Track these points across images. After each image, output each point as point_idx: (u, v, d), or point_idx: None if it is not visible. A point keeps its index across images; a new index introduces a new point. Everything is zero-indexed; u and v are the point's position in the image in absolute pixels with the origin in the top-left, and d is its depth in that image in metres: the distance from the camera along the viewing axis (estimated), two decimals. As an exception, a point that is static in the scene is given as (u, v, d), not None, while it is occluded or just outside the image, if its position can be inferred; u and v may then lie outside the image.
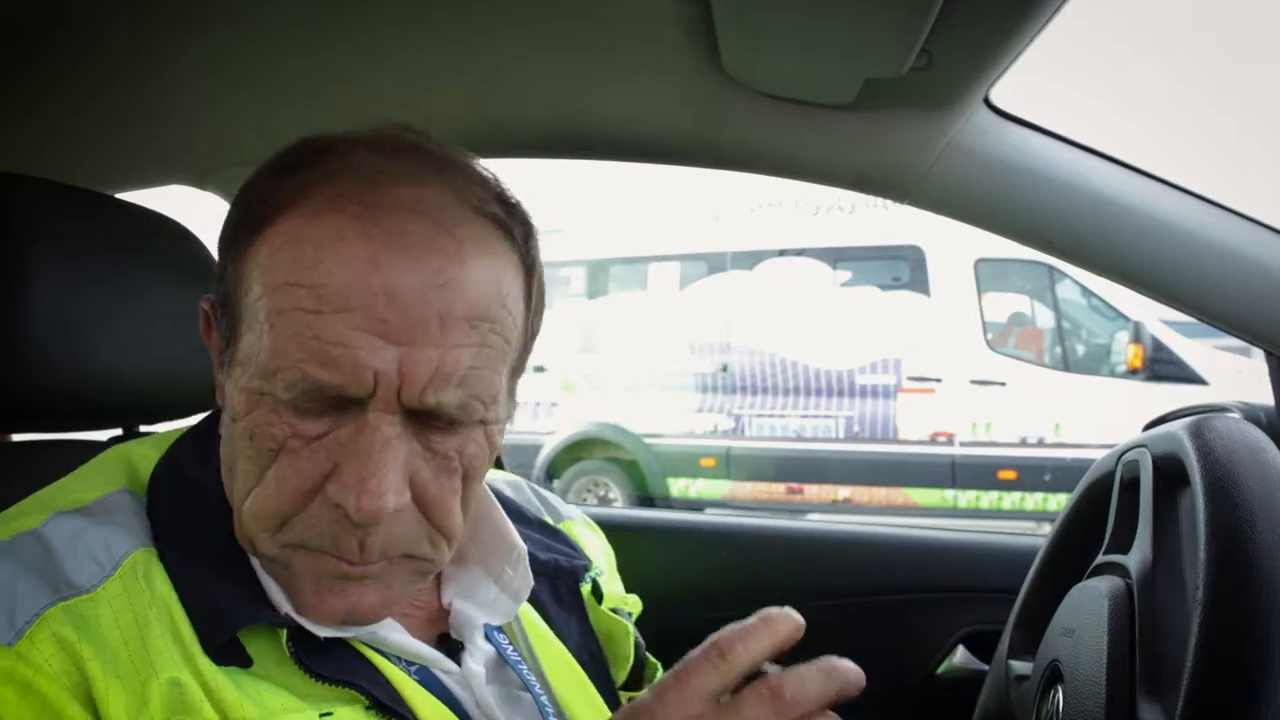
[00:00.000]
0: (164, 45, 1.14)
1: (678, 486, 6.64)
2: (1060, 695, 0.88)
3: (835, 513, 6.25)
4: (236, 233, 0.65)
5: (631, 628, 0.91)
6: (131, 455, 0.73)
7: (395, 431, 0.61)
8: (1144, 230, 1.09)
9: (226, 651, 0.62)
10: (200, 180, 1.46)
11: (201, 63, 1.18)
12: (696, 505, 6.51)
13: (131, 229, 0.98)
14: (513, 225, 0.67)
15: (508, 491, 0.92)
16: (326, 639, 0.65)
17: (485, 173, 0.69)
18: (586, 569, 0.87)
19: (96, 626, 0.59)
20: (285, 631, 0.64)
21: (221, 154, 1.41)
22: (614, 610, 0.90)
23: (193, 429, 0.76)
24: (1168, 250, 1.09)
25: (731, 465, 6.53)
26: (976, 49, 0.94)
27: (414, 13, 1.06)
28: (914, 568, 1.60)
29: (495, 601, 0.77)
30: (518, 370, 0.71)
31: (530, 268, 0.69)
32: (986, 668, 1.20)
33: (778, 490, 6.42)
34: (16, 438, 0.98)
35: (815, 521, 4.43)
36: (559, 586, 0.85)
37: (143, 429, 1.03)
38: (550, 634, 0.81)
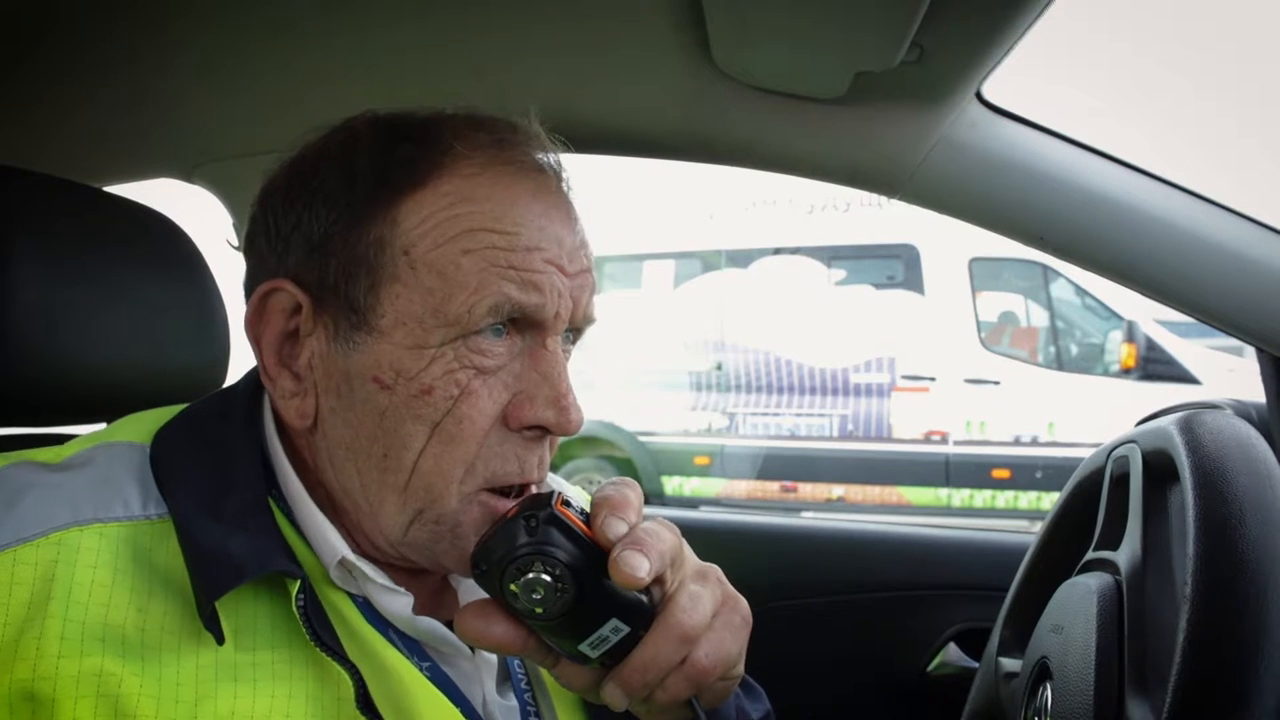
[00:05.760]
0: (154, 40, 1.13)
1: (672, 484, 6.63)
2: (1049, 692, 0.87)
3: (829, 511, 6.25)
4: (368, 200, 0.69)
5: None
6: (161, 412, 0.75)
7: (562, 353, 0.72)
8: (1136, 226, 1.08)
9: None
10: (188, 174, 1.45)
11: (191, 58, 1.17)
12: (691, 503, 6.52)
13: (118, 222, 0.97)
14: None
15: None
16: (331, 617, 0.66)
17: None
18: None
19: None
20: (298, 584, 0.63)
21: (210, 148, 1.40)
22: None
23: (216, 393, 0.78)
24: (1159, 246, 1.08)
25: (726, 463, 6.53)
26: (968, 42, 0.94)
27: (404, 10, 1.05)
28: (906, 565, 1.60)
29: None
30: None
31: None
32: (977, 665, 1.20)
33: (772, 488, 6.42)
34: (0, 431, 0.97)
35: (809, 519, 4.43)
36: None
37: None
38: None
